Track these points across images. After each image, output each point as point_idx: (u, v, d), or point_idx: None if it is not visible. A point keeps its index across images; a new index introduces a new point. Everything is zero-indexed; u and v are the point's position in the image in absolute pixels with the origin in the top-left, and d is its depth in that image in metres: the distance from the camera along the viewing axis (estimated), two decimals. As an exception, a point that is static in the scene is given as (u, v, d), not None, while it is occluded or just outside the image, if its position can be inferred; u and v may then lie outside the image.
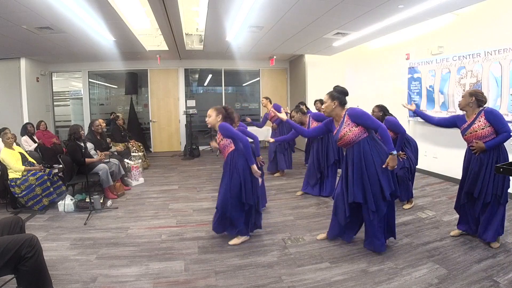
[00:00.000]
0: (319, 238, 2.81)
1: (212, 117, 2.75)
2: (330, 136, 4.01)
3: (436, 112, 4.66)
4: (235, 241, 2.75)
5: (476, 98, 2.49)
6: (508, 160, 2.37)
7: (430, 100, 4.77)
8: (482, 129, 2.45)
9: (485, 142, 2.44)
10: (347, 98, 2.50)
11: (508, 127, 2.41)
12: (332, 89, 2.53)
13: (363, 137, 2.39)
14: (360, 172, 2.40)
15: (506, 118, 3.65)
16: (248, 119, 5.42)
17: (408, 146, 3.48)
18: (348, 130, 2.39)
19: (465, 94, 2.56)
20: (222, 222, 2.76)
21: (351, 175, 2.44)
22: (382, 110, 3.45)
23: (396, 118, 3.36)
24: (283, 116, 3.12)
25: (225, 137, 2.71)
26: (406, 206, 3.52)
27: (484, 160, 2.46)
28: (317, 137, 4.01)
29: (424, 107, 4.89)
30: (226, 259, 2.48)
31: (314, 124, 3.96)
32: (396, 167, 2.31)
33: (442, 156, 4.70)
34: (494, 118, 2.41)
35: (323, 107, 2.54)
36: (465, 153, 2.67)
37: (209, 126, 2.83)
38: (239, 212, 2.67)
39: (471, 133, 2.51)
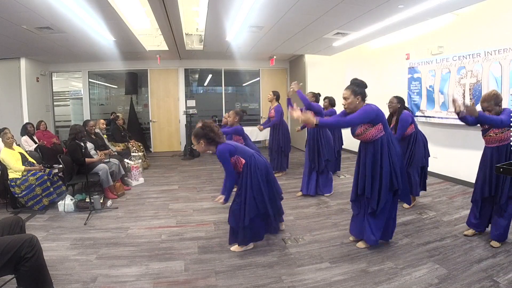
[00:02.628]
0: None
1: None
2: (323, 134, 4.02)
3: (436, 112, 4.66)
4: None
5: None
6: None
7: (430, 100, 4.77)
8: (502, 133, 2.44)
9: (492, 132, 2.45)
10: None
11: (509, 120, 2.30)
12: (351, 83, 2.43)
13: (380, 135, 2.36)
14: (373, 168, 2.40)
15: (506, 118, 3.65)
16: (261, 128, 5.22)
17: (415, 144, 3.42)
18: (365, 129, 2.37)
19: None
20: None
21: (363, 169, 2.45)
22: (400, 102, 3.41)
23: (410, 114, 3.39)
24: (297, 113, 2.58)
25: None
26: (406, 205, 3.53)
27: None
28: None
29: (424, 107, 4.89)
30: (226, 259, 2.48)
31: None
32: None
33: (442, 156, 4.70)
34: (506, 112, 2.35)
35: (345, 104, 2.43)
36: (486, 153, 2.60)
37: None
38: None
39: (490, 135, 2.50)
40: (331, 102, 5.05)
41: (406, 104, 3.70)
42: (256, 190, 2.44)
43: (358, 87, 2.39)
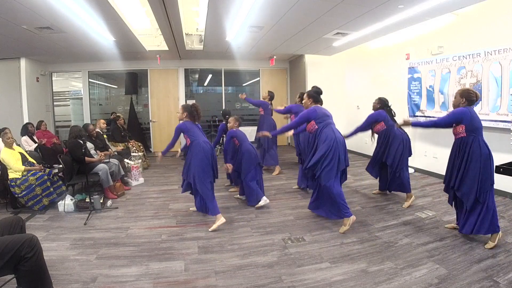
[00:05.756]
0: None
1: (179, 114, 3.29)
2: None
3: (436, 112, 4.66)
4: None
5: (466, 99, 2.59)
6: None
7: (430, 100, 4.77)
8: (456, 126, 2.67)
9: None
10: (322, 97, 3.18)
11: (442, 120, 2.78)
12: (310, 89, 3.17)
13: (315, 128, 3.05)
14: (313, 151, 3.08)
15: (506, 118, 3.65)
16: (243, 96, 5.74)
17: (394, 142, 3.63)
18: (312, 125, 3.11)
19: (456, 95, 2.67)
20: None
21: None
22: (380, 103, 3.80)
23: (382, 113, 3.72)
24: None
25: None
26: (405, 205, 3.57)
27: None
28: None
29: (424, 107, 4.89)
30: (226, 259, 2.48)
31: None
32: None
33: (442, 156, 4.69)
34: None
35: (303, 102, 3.23)
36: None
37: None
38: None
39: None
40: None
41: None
42: (195, 165, 3.09)
43: (312, 92, 3.15)
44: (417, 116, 4.96)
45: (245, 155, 3.68)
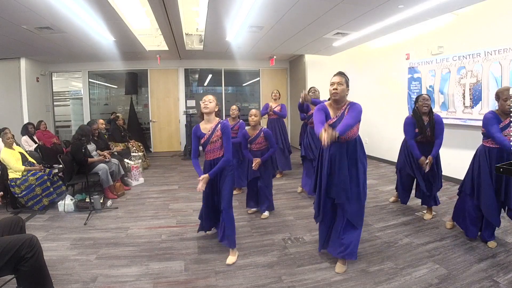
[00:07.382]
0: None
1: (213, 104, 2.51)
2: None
3: (436, 112, 4.65)
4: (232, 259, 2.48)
5: None
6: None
7: (430, 100, 4.76)
8: None
9: None
10: None
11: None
12: (342, 73, 2.37)
13: (357, 134, 2.27)
14: (356, 168, 2.22)
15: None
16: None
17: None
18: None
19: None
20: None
21: (340, 172, 2.21)
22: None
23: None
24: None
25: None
26: (427, 217, 3.22)
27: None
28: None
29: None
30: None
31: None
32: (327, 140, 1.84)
33: (442, 156, 4.67)
34: None
35: (338, 88, 2.27)
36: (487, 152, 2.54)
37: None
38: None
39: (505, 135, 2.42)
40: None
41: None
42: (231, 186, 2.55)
43: (348, 80, 2.34)
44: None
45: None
